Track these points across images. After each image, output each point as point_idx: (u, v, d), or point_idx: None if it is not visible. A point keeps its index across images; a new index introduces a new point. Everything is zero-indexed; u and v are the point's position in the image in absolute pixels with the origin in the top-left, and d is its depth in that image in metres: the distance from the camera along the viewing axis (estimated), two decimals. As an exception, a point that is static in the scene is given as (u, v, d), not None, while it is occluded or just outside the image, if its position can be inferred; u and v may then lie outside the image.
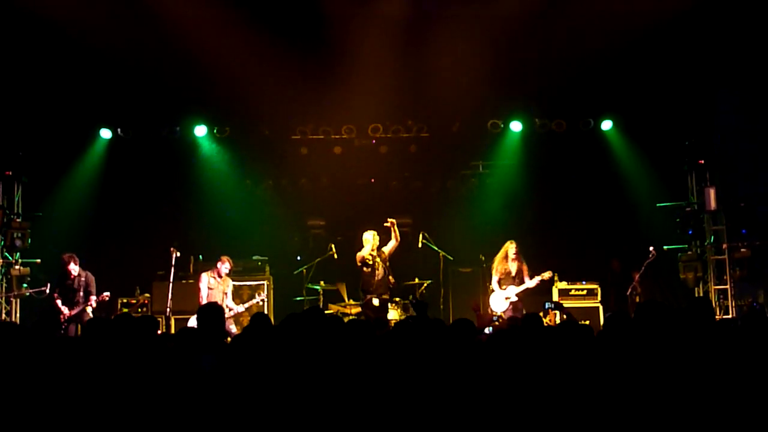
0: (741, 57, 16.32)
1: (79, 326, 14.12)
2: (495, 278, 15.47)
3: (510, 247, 15.42)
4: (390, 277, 14.93)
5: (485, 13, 16.38)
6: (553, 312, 13.87)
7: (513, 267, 15.25)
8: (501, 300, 15.26)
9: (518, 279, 15.30)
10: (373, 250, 14.84)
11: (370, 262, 14.80)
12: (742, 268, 16.51)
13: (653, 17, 15.47)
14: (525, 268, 15.37)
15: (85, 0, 15.56)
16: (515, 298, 15.15)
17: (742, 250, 16.51)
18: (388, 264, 14.92)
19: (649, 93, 17.20)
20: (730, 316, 15.90)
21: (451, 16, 16.64)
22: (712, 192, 16.83)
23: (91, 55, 16.27)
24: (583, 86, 17.16)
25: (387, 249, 14.99)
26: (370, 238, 14.93)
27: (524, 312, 14.37)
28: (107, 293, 14.40)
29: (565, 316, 13.17)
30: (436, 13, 16.71)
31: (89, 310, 14.22)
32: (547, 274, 15.22)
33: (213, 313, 7.02)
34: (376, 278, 14.79)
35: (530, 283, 15.21)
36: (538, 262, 15.50)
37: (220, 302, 14.38)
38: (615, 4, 15.71)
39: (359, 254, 14.88)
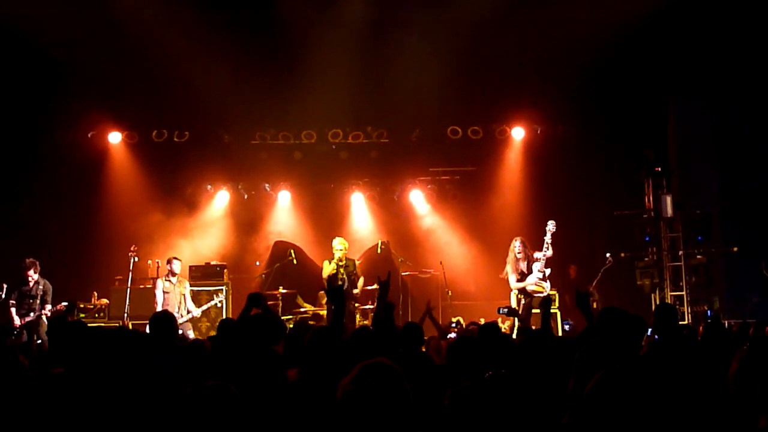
0: (697, 66, 16.54)
1: (35, 335, 13.89)
2: (513, 278, 14.30)
3: (516, 245, 14.40)
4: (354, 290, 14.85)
5: (446, 19, 16.49)
6: (508, 318, 13.82)
7: (524, 265, 14.36)
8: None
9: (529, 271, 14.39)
10: (340, 260, 14.72)
11: (341, 276, 14.70)
12: (698, 275, 16.68)
13: (611, 27, 15.62)
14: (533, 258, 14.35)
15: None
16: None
17: (698, 256, 16.69)
18: (353, 279, 14.86)
19: (607, 101, 17.37)
20: (685, 322, 16.06)
21: (412, 22, 16.73)
22: (668, 199, 16.99)
23: (44, 58, 16.30)
24: (542, 94, 17.30)
25: (360, 281, 14.94)
26: (339, 247, 14.85)
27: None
28: (64, 303, 14.18)
29: (519, 323, 13.20)
30: (396, 19, 16.79)
31: (44, 318, 13.99)
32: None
33: (164, 321, 7.07)
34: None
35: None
36: (497, 268, 15.51)
37: (178, 305, 14.39)
38: (574, 13, 15.85)
39: (325, 272, 14.77)
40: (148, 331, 7.24)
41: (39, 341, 13.42)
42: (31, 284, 14.03)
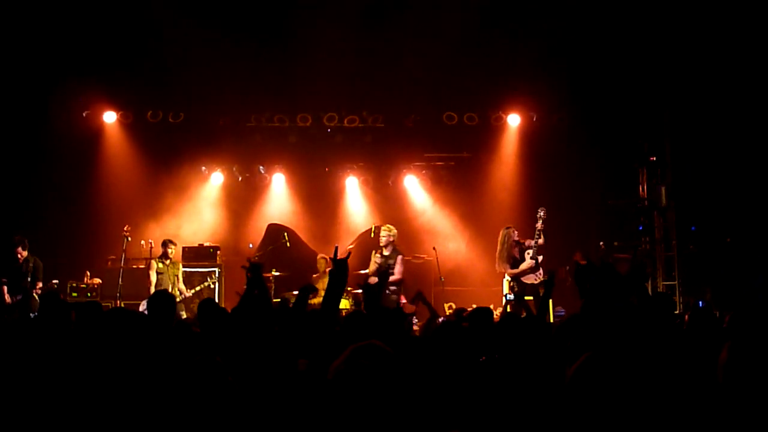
0: (692, 56, 16.51)
1: (28, 311, 13.88)
2: (507, 267, 14.44)
3: (507, 233, 14.50)
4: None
5: (443, 4, 16.45)
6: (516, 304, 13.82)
7: (516, 252, 14.46)
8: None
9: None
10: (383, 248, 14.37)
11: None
12: (691, 265, 16.72)
13: (608, 15, 15.59)
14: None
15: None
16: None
17: (691, 246, 16.72)
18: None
19: (603, 90, 17.35)
20: (677, 312, 16.08)
21: (409, 7, 16.67)
22: (663, 189, 17.01)
23: (39, 37, 16.27)
24: (539, 82, 17.25)
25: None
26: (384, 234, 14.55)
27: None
28: (55, 281, 14.16)
29: (511, 309, 13.20)
30: (394, 3, 16.74)
31: (35, 296, 13.98)
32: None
33: (163, 300, 7.08)
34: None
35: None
36: (490, 255, 15.52)
37: (171, 286, 14.54)
38: (572, 1, 15.84)
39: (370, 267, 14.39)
40: (144, 309, 7.24)
41: (33, 314, 13.44)
42: (21, 261, 14.03)
